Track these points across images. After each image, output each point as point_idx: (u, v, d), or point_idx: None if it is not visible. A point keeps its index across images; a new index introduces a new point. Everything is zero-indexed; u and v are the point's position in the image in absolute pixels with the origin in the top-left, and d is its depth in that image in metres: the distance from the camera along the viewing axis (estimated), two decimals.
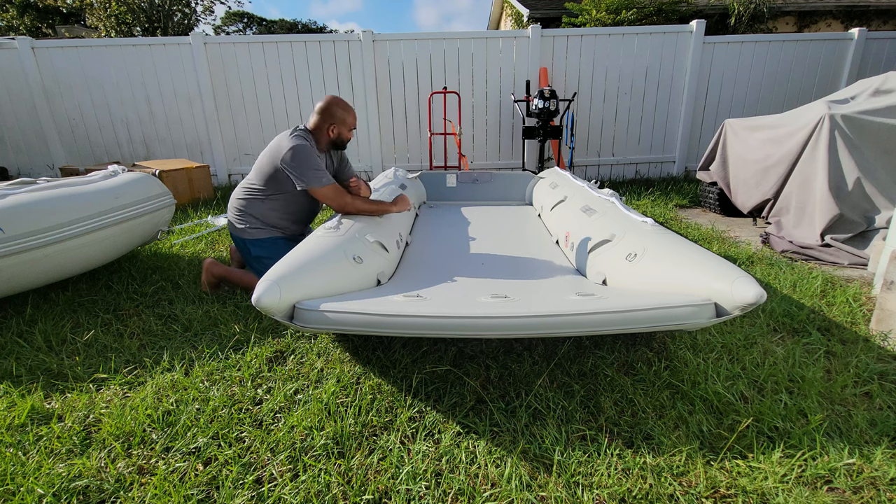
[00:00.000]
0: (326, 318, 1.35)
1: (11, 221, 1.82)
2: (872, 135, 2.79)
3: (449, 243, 2.44)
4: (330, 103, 2.20)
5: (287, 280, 1.38)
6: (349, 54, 5.15)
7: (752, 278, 1.23)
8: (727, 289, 1.24)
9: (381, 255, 1.87)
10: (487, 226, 2.83)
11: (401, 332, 1.34)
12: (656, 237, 1.64)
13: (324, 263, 1.55)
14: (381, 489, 1.12)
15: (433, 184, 3.68)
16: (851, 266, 2.57)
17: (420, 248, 2.36)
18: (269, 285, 1.33)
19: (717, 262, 1.36)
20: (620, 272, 1.63)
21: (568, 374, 1.57)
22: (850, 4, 8.79)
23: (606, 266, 1.72)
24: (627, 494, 1.10)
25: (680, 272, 1.40)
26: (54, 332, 1.90)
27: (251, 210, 2.21)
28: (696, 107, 5.46)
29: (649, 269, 1.51)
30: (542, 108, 4.49)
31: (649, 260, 1.54)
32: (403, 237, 2.37)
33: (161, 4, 11.19)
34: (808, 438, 1.25)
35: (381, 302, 1.41)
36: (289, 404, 1.43)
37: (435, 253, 2.27)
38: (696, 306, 1.27)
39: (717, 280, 1.28)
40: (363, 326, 1.34)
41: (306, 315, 1.37)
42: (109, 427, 1.32)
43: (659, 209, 3.98)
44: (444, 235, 2.61)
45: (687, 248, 1.50)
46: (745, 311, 1.23)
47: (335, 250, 1.65)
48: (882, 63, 5.34)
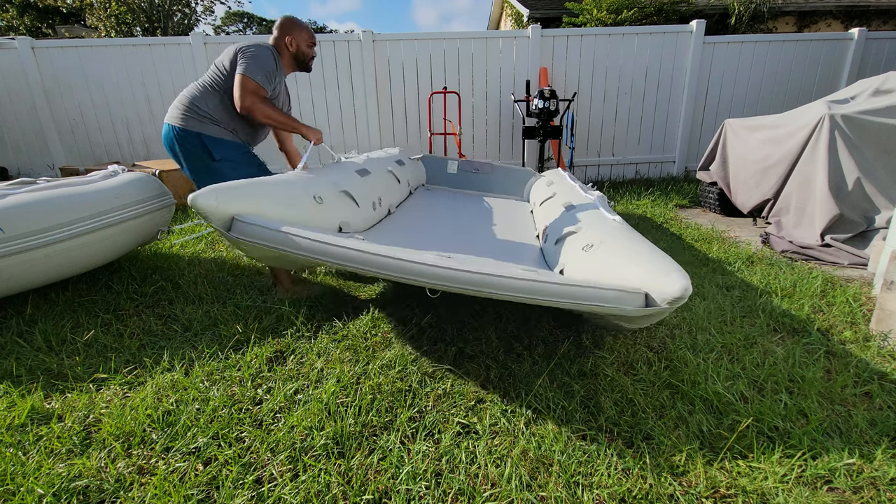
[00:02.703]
0: (259, 233, 1.40)
1: (11, 221, 1.82)
2: (872, 135, 2.79)
3: (432, 222, 2.45)
4: (283, 19, 2.20)
5: (228, 190, 1.44)
6: (349, 54, 5.14)
7: (685, 275, 1.24)
8: (657, 281, 1.27)
9: (347, 204, 1.88)
10: (477, 214, 2.83)
11: (328, 260, 1.38)
12: (616, 233, 1.66)
13: (276, 188, 1.58)
14: (381, 489, 1.12)
15: (434, 167, 3.69)
16: (851, 266, 2.57)
17: (401, 219, 2.36)
18: (207, 191, 1.41)
19: (659, 258, 1.38)
20: (576, 262, 1.65)
21: (568, 374, 1.57)
22: (850, 4, 8.79)
23: (566, 257, 1.75)
24: (627, 494, 1.10)
25: (624, 264, 1.43)
26: (54, 332, 1.90)
27: (201, 103, 2.07)
28: (696, 107, 5.46)
29: (601, 259, 1.54)
30: (542, 108, 4.49)
31: (602, 252, 1.56)
32: (384, 203, 2.38)
33: (161, 4, 11.19)
34: (808, 438, 1.25)
35: (319, 234, 1.45)
36: (289, 404, 1.43)
37: (414, 226, 2.27)
38: (625, 292, 1.29)
39: (650, 273, 1.31)
40: (294, 249, 1.39)
41: (242, 227, 1.42)
42: (109, 427, 1.32)
43: (659, 209, 3.98)
44: (431, 214, 2.62)
45: (639, 244, 1.53)
46: (672, 304, 1.23)
47: (294, 183, 1.68)
48: (882, 63, 5.34)
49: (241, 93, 1.99)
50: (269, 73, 2.06)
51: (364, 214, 2.01)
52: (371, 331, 1.87)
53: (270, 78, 2.07)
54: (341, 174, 2.06)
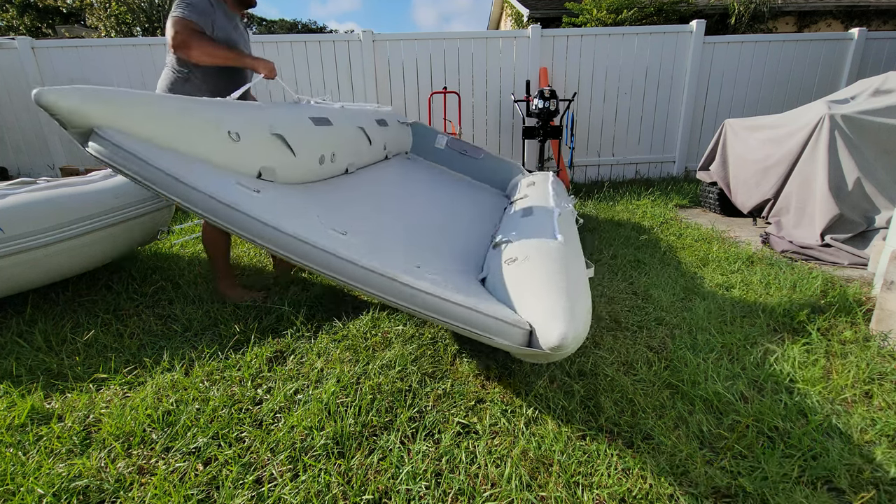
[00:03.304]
0: (115, 154, 1.19)
1: (11, 221, 1.82)
2: (872, 135, 2.79)
3: (392, 194, 2.26)
4: None
5: (98, 93, 1.20)
6: (349, 54, 5.14)
7: (573, 323, 1.10)
8: (544, 320, 1.13)
9: (277, 149, 1.65)
10: (447, 197, 2.63)
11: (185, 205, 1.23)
12: (545, 253, 1.51)
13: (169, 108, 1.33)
14: (381, 489, 1.12)
15: (422, 138, 3.45)
16: (851, 266, 2.57)
17: (354, 183, 2.14)
18: (70, 89, 1.18)
19: (563, 295, 1.22)
20: (495, 273, 1.54)
21: (568, 374, 1.57)
22: (850, 4, 8.79)
23: (491, 265, 1.64)
24: (627, 494, 1.10)
25: (527, 290, 1.30)
26: (54, 332, 1.90)
27: (160, 83, 2.03)
28: (696, 107, 5.46)
29: (514, 277, 1.42)
30: (542, 108, 4.48)
31: (520, 270, 1.44)
32: (340, 160, 2.13)
33: (161, 4, 11.19)
34: (808, 438, 1.25)
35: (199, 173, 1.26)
36: (289, 404, 1.43)
37: (364, 193, 2.06)
38: (505, 324, 1.16)
39: (544, 309, 1.17)
40: (147, 180, 1.20)
41: (100, 143, 1.21)
42: (109, 427, 1.32)
43: (659, 209, 3.98)
44: (394, 186, 2.42)
45: (558, 273, 1.37)
46: (552, 351, 1.09)
47: (203, 108, 1.44)
48: (882, 63, 5.34)
49: (172, 32, 1.84)
50: (202, 10, 1.91)
51: (303, 167, 1.79)
52: (371, 331, 1.87)
53: (204, 15, 1.93)
54: (281, 115, 1.82)
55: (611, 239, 3.11)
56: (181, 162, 1.32)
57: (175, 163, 1.29)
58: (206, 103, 1.59)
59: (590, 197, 4.56)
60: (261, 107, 1.79)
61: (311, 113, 2.17)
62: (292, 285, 2.34)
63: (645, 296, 2.20)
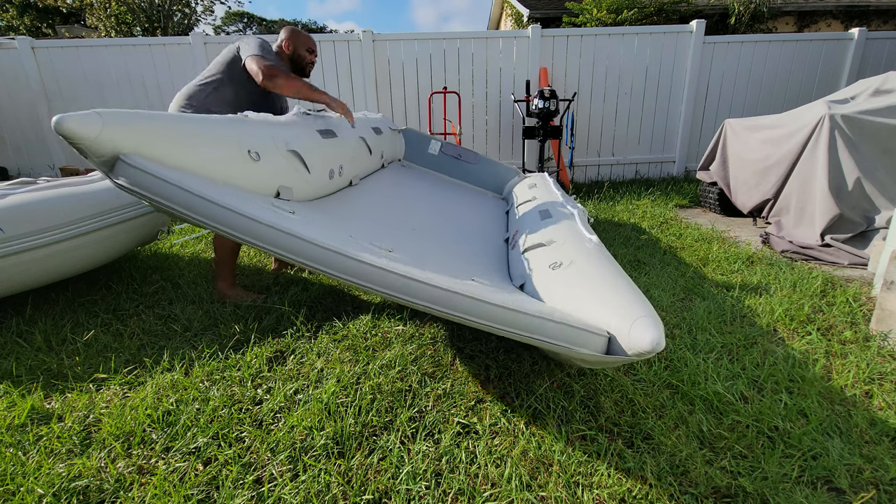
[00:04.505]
0: (147, 182, 1.13)
1: (11, 221, 1.82)
2: (872, 135, 2.79)
3: (397, 203, 2.22)
4: (285, 28, 2.29)
5: (121, 117, 1.14)
6: (349, 54, 5.14)
7: (658, 325, 1.05)
8: (626, 326, 1.08)
9: (294, 167, 1.61)
10: (448, 203, 2.59)
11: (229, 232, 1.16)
12: (590, 255, 1.47)
13: (192, 129, 1.28)
14: (381, 489, 1.12)
15: (415, 144, 3.40)
16: (851, 266, 2.57)
17: (361, 195, 2.10)
18: (91, 114, 1.11)
19: (635, 297, 1.18)
20: (539, 279, 1.48)
21: (568, 374, 1.57)
22: (850, 4, 8.79)
23: (530, 271, 1.58)
24: (627, 494, 1.10)
25: (591, 295, 1.24)
26: (54, 332, 1.90)
27: (196, 95, 2.05)
28: (696, 107, 5.46)
29: (567, 281, 1.36)
30: (542, 108, 4.48)
31: (571, 274, 1.38)
32: (346, 172, 2.11)
33: (161, 4, 11.19)
34: (808, 438, 1.25)
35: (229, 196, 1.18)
36: (289, 404, 1.43)
37: (373, 205, 2.03)
38: (585, 332, 1.10)
39: (620, 314, 1.12)
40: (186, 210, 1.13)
41: (127, 171, 1.15)
42: (109, 427, 1.32)
43: (659, 209, 3.98)
44: (397, 195, 2.39)
45: (615, 275, 1.33)
46: (639, 356, 1.04)
47: (223, 127, 1.38)
48: (882, 63, 5.34)
49: (258, 68, 1.97)
50: (269, 52, 2.05)
51: (315, 183, 1.75)
52: (371, 331, 1.87)
53: (271, 57, 2.05)
54: (294, 130, 1.77)
55: (611, 239, 3.11)
56: (215, 186, 1.27)
57: (210, 188, 1.24)
58: (225, 122, 1.51)
59: (590, 197, 4.55)
60: (272, 122, 1.74)
61: (318, 126, 2.13)
62: (292, 285, 2.34)
63: (645, 296, 2.19)
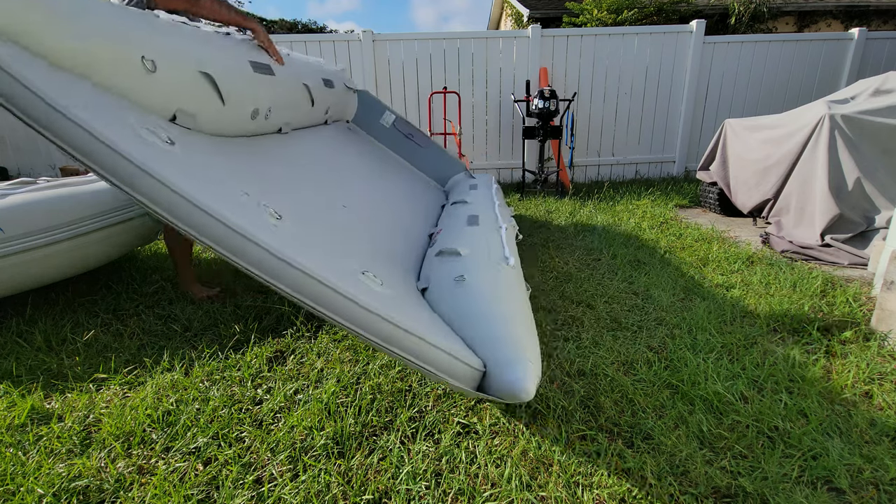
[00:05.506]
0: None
1: (11, 221, 1.82)
2: (872, 135, 2.79)
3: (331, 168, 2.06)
4: None
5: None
6: (349, 54, 5.14)
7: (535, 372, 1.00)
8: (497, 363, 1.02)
9: (202, 91, 1.39)
10: (383, 180, 2.45)
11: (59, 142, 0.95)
12: (499, 277, 1.42)
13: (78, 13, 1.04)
14: (381, 489, 1.12)
15: (368, 109, 3.16)
16: (851, 266, 2.57)
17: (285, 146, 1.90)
18: None
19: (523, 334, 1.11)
20: (440, 288, 1.43)
21: (568, 374, 1.57)
22: (850, 4, 8.79)
23: (436, 278, 1.53)
24: (627, 494, 1.10)
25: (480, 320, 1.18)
26: (54, 332, 1.90)
27: None
28: (696, 107, 5.46)
29: (464, 300, 1.30)
30: (542, 108, 4.49)
31: (471, 292, 1.32)
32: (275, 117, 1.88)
33: None
34: (808, 438, 1.25)
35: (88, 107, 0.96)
36: (289, 404, 1.43)
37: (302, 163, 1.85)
38: (458, 361, 1.02)
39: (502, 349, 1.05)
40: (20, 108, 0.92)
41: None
42: (109, 427, 1.32)
43: (659, 209, 3.98)
44: (334, 158, 2.23)
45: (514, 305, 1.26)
46: (504, 399, 1.00)
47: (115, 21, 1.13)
48: (882, 63, 5.34)
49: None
50: None
51: (230, 118, 1.54)
52: None
53: None
54: (216, 51, 1.53)
55: (611, 239, 3.11)
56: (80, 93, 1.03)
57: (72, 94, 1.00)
58: (121, 13, 1.21)
59: (590, 197, 4.55)
60: (186, 34, 1.44)
61: (253, 57, 1.82)
62: None
63: (645, 296, 2.20)
